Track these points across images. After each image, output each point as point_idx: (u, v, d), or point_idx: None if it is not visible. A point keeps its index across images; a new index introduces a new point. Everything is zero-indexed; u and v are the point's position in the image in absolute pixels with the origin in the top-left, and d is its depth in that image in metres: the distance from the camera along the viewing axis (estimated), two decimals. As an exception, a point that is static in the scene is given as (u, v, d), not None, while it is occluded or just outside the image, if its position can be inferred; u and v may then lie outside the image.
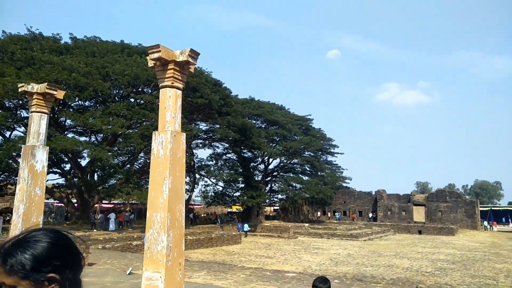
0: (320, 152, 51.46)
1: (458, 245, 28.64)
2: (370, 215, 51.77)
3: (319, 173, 47.88)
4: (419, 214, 48.03)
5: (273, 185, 49.21)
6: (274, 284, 11.20)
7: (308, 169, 48.89)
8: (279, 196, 48.53)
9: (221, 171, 39.63)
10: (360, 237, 31.59)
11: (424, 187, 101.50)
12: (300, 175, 47.86)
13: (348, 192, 55.90)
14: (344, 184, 57.35)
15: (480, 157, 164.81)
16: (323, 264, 17.62)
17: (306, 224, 39.70)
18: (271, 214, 55.90)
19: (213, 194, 41.66)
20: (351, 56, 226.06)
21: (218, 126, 34.65)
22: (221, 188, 42.04)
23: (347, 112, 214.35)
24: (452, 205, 46.79)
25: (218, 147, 42.43)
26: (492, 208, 63.31)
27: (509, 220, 53.41)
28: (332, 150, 53.82)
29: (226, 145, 41.56)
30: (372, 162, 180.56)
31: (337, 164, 56.09)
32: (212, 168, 39.30)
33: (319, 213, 56.23)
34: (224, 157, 43.52)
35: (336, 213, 54.80)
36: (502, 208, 62.63)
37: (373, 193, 53.36)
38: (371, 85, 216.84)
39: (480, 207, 51.93)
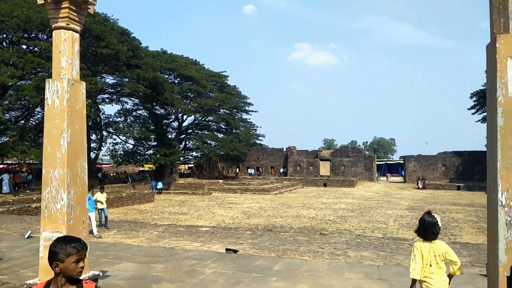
0: (235, 110, 51.74)
1: (357, 195, 31.72)
2: (281, 170, 54.49)
3: (234, 131, 48.39)
4: (325, 169, 51.86)
5: (187, 142, 48.60)
6: (187, 239, 11.22)
7: (223, 126, 49.05)
8: (194, 153, 48.33)
9: (131, 128, 37.72)
10: (271, 191, 33.16)
11: (331, 144, 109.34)
12: (215, 133, 47.88)
13: (262, 149, 57.80)
14: (258, 141, 59.04)
15: (379, 116, 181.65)
16: (236, 217, 18.16)
17: (221, 181, 40.37)
18: (185, 172, 55.63)
19: (122, 152, 39.67)
20: (267, 13, 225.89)
21: (127, 79, 32.51)
22: (131, 146, 40.24)
23: (262, 70, 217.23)
24: (354, 160, 51.27)
25: (127, 103, 40.06)
26: (387, 162, 71.06)
27: (400, 172, 60.46)
28: (247, 108, 54.50)
29: (136, 100, 39.40)
30: (284, 120, 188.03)
31: (251, 122, 57.22)
32: (121, 125, 37.13)
33: (237, 170, 57.46)
34: (134, 113, 41.30)
35: (249, 170, 56.53)
36: (395, 162, 70.64)
37: (284, 149, 55.89)
38: (286, 44, 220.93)
39: (377, 161, 57.85)
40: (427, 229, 4.05)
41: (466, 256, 9.31)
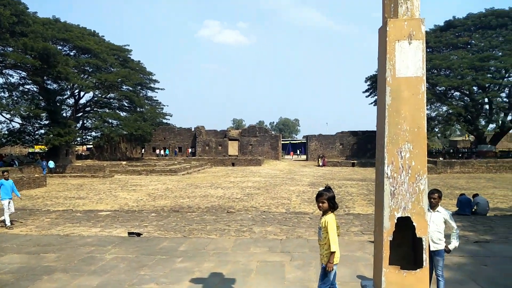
0: (139, 87, 49.13)
1: (263, 174, 32.84)
2: (190, 150, 53.75)
3: (138, 109, 45.98)
4: (233, 148, 52.56)
5: (85, 121, 44.74)
6: (85, 225, 10.43)
7: (126, 104, 46.25)
8: (93, 133, 44.74)
9: (17, 105, 33.35)
10: (179, 171, 32.56)
11: (239, 124, 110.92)
12: (117, 111, 44.93)
13: (169, 129, 56.16)
14: (165, 121, 57.16)
15: (285, 97, 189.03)
16: (140, 200, 17.45)
17: (124, 162, 38.33)
18: (83, 154, 51.59)
19: (6, 132, 34.94)
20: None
21: (11, 49, 28.55)
22: (18, 126, 35.72)
23: (169, 46, 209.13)
24: (261, 139, 52.81)
25: (12, 76, 35.18)
26: (291, 141, 74.74)
27: (303, 150, 64.11)
28: (152, 85, 52.15)
29: (24, 73, 34.88)
30: (193, 99, 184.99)
31: (157, 100, 55.07)
32: (4, 101, 32.60)
33: (142, 150, 54.90)
34: (21, 88, 36.52)
35: (165, 150, 54.41)
36: (298, 141, 74.64)
37: (193, 129, 55.11)
38: (194, 20, 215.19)
39: (282, 140, 60.47)
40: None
41: (358, 225, 10.25)
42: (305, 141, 58.63)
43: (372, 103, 51.34)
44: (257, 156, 49.49)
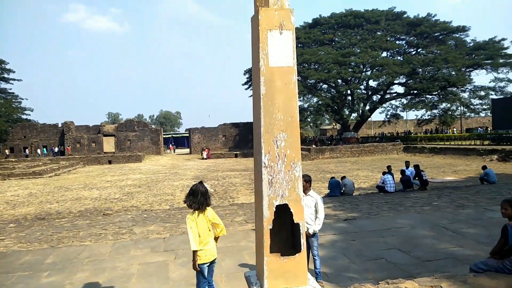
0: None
1: (144, 170, 31.37)
2: (56, 149, 48.24)
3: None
4: (109, 145, 48.99)
5: None
6: None
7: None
8: None
9: None
10: (44, 173, 28.97)
11: (115, 118, 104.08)
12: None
13: (30, 125, 49.41)
14: (24, 116, 50.39)
15: (165, 89, 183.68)
16: (-4, 209, 14.97)
17: (-26, 166, 32.50)
18: None
19: None
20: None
21: None
22: None
23: (26, 31, 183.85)
24: (140, 134, 50.35)
25: None
26: (173, 135, 73.10)
27: (186, 143, 63.31)
28: (6, 76, 45.33)
29: None
30: (59, 91, 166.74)
31: (13, 93, 48.17)
32: None
33: (7, 152, 46.92)
34: None
35: (43, 148, 47.34)
36: (181, 135, 73.44)
37: (60, 125, 49.57)
38: (56, 2, 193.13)
39: (164, 134, 58.68)
40: (201, 198, 4.15)
41: (242, 215, 10.45)
42: (187, 134, 57.98)
43: (251, 95, 53.27)
44: (136, 152, 47.10)
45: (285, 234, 3.58)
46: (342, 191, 13.84)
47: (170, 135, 71.04)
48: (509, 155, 24.80)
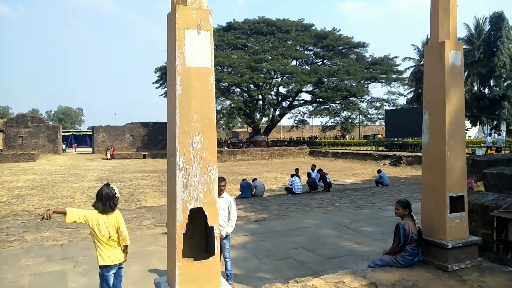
0: None
1: (38, 170, 28.40)
2: None
3: None
4: (-4, 142, 43.39)
5: None
6: None
7: None
8: None
9: None
10: None
11: (5, 112, 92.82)
12: None
13: None
14: None
15: (65, 83, 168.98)
16: None
17: None
18: None
19: None
20: None
21: None
22: None
23: None
24: (34, 131, 45.52)
25: None
26: (74, 133, 67.50)
27: (89, 142, 58.94)
28: None
29: None
30: None
31: None
32: None
33: None
34: None
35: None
36: (83, 133, 68.13)
37: None
38: None
39: (63, 132, 53.80)
40: (106, 202, 3.91)
41: (150, 218, 10.04)
42: (90, 132, 54.07)
43: (162, 94, 51.77)
44: (29, 150, 42.42)
45: (199, 238, 3.52)
46: (253, 192, 14.15)
47: (70, 133, 65.49)
48: (399, 160, 27.82)
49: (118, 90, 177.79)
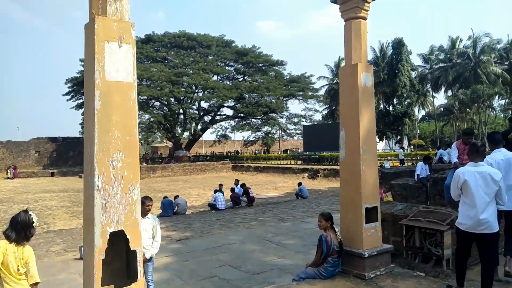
0: None
1: None
2: None
3: None
4: None
5: None
6: None
7: None
8: None
9: None
10: None
11: None
12: None
13: None
14: None
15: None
16: None
17: None
18: None
19: None
20: None
21: None
22: None
23: None
24: None
25: None
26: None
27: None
28: None
29: None
30: None
31: None
32: None
33: None
34: None
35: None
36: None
37: None
38: None
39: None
40: (20, 231, 3.45)
41: (60, 243, 9.17)
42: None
43: (74, 107, 48.35)
44: None
45: (119, 263, 3.28)
46: (174, 210, 13.72)
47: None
48: (316, 173, 29.24)
49: (21, 101, 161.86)
